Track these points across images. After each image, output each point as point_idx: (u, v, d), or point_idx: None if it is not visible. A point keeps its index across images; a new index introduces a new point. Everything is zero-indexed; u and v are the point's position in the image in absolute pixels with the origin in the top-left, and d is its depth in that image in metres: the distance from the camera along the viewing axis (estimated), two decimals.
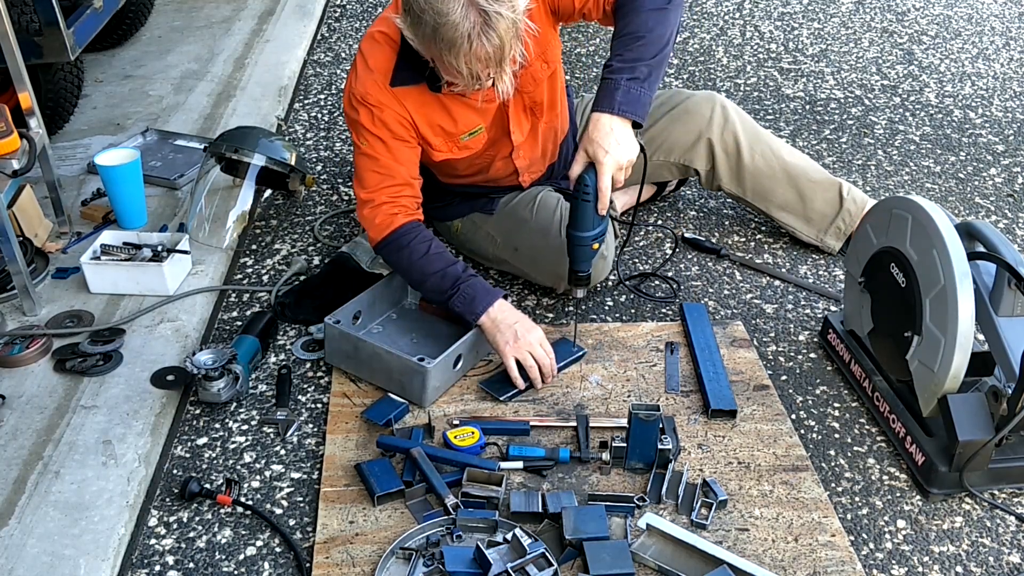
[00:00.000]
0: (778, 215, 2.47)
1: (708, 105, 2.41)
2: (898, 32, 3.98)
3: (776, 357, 2.17)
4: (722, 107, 2.41)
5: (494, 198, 2.31)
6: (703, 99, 2.43)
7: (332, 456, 1.86)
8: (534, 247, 2.24)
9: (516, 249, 2.27)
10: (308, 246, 2.53)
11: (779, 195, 2.44)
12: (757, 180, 2.43)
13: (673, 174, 2.51)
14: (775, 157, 2.42)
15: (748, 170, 2.42)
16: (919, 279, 1.82)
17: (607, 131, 1.91)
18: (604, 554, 1.61)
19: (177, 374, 2.00)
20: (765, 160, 2.41)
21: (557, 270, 2.20)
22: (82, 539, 1.65)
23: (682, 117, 2.41)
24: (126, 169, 2.41)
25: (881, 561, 1.69)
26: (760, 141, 2.43)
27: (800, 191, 2.43)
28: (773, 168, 2.42)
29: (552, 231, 2.20)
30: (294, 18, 3.89)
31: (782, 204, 2.45)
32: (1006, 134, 3.17)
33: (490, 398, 1.99)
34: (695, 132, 2.41)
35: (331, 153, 2.99)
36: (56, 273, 2.32)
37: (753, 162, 2.41)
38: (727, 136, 2.40)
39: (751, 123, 2.45)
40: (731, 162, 2.42)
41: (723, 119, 2.40)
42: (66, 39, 2.59)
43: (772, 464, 1.85)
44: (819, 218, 2.45)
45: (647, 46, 1.92)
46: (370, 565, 1.63)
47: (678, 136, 2.42)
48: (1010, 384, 1.72)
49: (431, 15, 1.73)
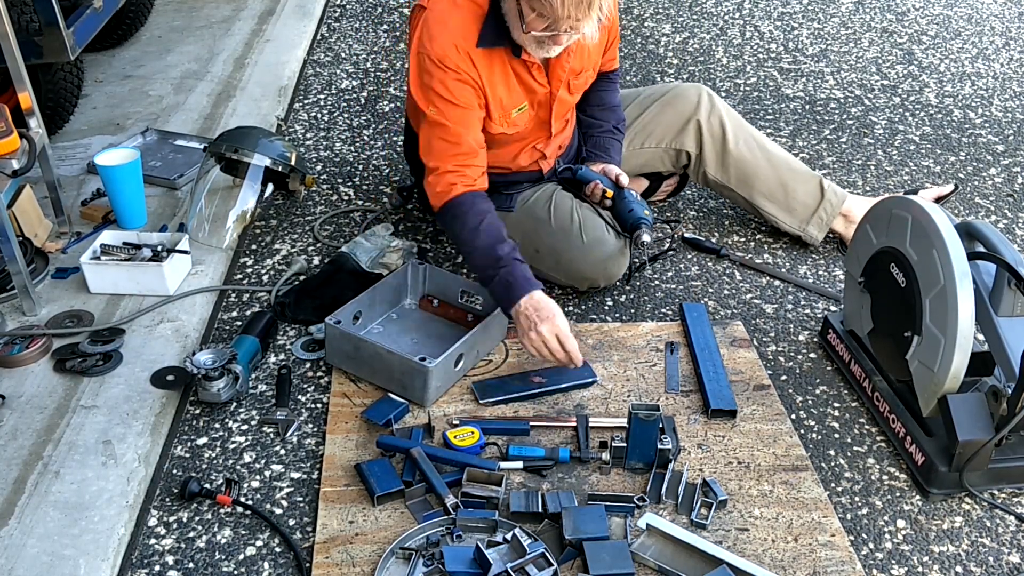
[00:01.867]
0: (761, 203, 2.51)
1: (695, 91, 2.52)
2: (898, 32, 3.98)
3: (776, 357, 2.17)
4: (708, 94, 2.52)
5: (512, 194, 2.33)
6: (690, 87, 2.55)
7: (332, 456, 1.86)
8: (555, 249, 2.27)
9: (537, 251, 2.29)
10: (308, 246, 2.53)
11: (762, 183, 2.50)
12: (741, 167, 2.49)
13: (665, 163, 2.57)
14: (758, 145, 2.51)
15: (733, 155, 2.48)
16: (919, 279, 1.82)
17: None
18: (604, 554, 1.61)
19: (177, 374, 2.00)
20: (748, 147, 2.50)
21: (580, 270, 2.26)
22: (82, 539, 1.65)
23: (671, 103, 2.52)
24: (126, 169, 2.41)
25: (881, 561, 1.69)
26: (743, 129, 2.52)
27: (782, 180, 2.49)
28: (756, 156, 2.50)
29: (573, 232, 2.24)
30: (294, 18, 3.89)
31: (765, 192, 2.50)
32: (1006, 134, 3.17)
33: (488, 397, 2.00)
34: (684, 116, 2.50)
35: (331, 153, 2.99)
36: (56, 273, 2.32)
37: (737, 147, 2.48)
38: (713, 120, 2.49)
39: (734, 113, 2.55)
40: (717, 146, 2.49)
41: (710, 104, 2.50)
42: (66, 39, 2.59)
43: (772, 464, 1.85)
44: (801, 208, 2.50)
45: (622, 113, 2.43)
46: (370, 565, 1.63)
47: (669, 121, 2.51)
48: (1010, 384, 1.72)
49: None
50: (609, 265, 2.27)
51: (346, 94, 3.37)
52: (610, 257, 2.26)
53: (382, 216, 2.64)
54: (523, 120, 2.21)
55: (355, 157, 2.95)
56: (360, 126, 3.15)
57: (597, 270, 2.27)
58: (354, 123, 3.17)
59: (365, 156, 2.96)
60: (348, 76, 3.51)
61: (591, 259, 2.25)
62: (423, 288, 2.25)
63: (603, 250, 2.25)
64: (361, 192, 2.77)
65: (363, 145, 3.03)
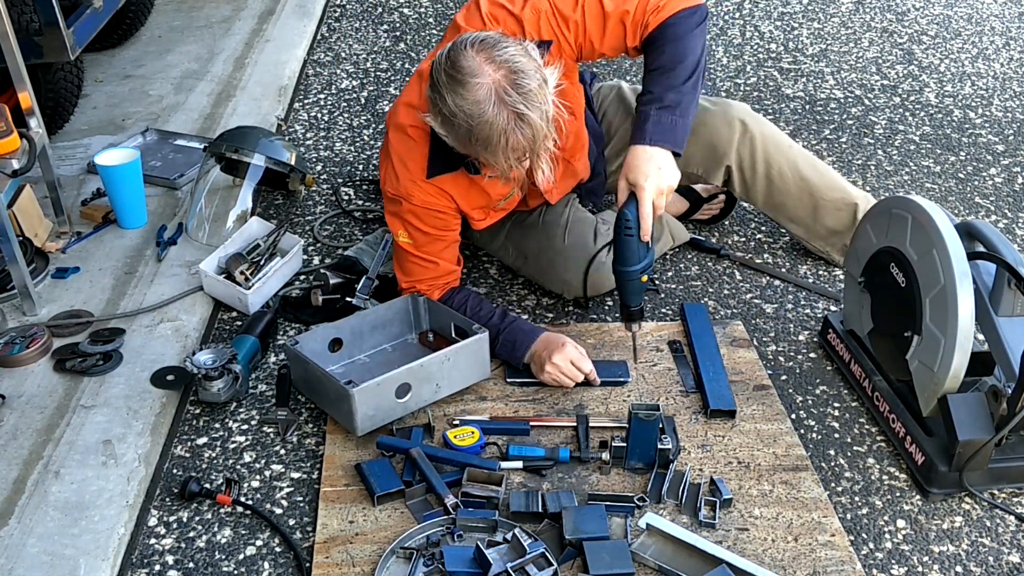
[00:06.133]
0: (787, 225, 2.45)
1: (730, 128, 2.32)
2: (898, 32, 3.97)
3: (776, 357, 2.17)
4: (741, 125, 2.32)
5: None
6: (720, 116, 2.33)
7: (332, 456, 1.86)
8: (540, 252, 2.24)
9: (527, 258, 2.28)
10: (308, 246, 2.52)
11: (791, 208, 2.40)
12: (771, 195, 2.39)
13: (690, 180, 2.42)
14: (792, 173, 2.35)
15: (762, 185, 2.37)
16: (919, 279, 1.82)
17: (647, 158, 1.88)
18: (604, 554, 1.61)
19: (177, 374, 2.00)
20: (782, 177, 2.36)
21: (563, 275, 2.22)
22: (82, 539, 1.65)
23: (703, 133, 2.30)
24: (126, 169, 2.41)
25: (881, 561, 1.69)
26: (781, 155, 2.35)
27: (815, 207, 2.38)
28: (788, 184, 2.36)
29: (557, 235, 2.20)
30: (294, 18, 3.88)
31: (793, 217, 2.42)
32: (1006, 134, 3.17)
33: (491, 394, 2.00)
34: (716, 154, 2.34)
35: (331, 153, 2.99)
36: (56, 273, 2.32)
37: (768, 178, 2.36)
38: (744, 154, 2.33)
39: (773, 137, 2.37)
40: (746, 178, 2.37)
41: (743, 138, 2.32)
42: (66, 39, 2.59)
43: (772, 464, 1.85)
44: (827, 234, 2.41)
45: (677, 74, 1.92)
46: (370, 565, 1.63)
47: (699, 153, 2.33)
48: (1010, 384, 1.72)
49: (463, 118, 1.72)
50: (593, 276, 2.19)
51: (346, 94, 3.36)
52: (592, 266, 2.18)
53: (382, 216, 2.63)
54: (512, 203, 2.14)
55: (355, 157, 2.95)
56: (360, 126, 3.15)
57: (577, 277, 2.19)
58: (354, 123, 3.17)
59: (365, 156, 2.96)
60: (348, 76, 3.51)
61: (571, 264, 2.18)
62: (426, 323, 2.14)
63: (584, 254, 2.18)
64: (361, 192, 2.77)
65: (363, 145, 3.04)
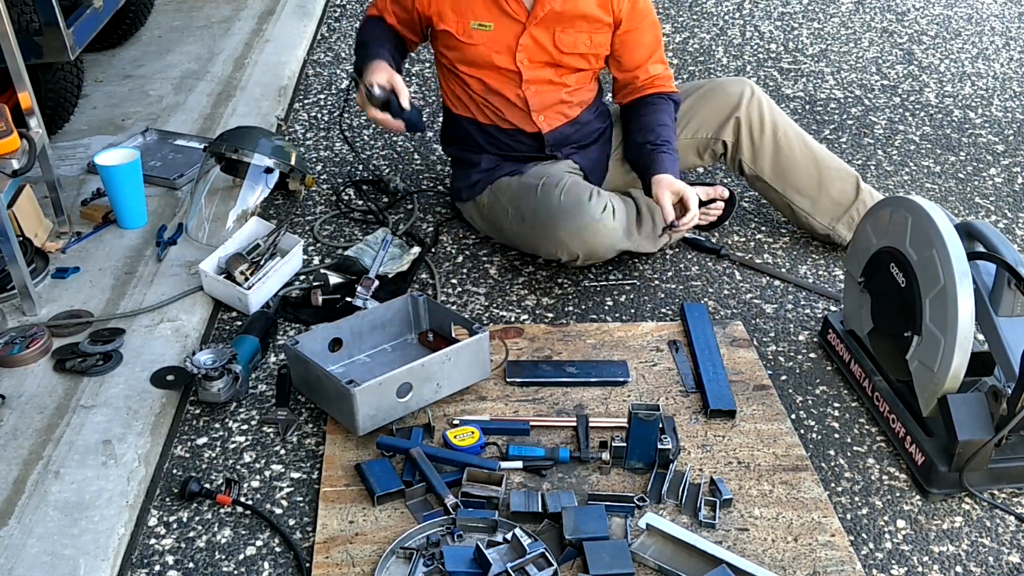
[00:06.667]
0: (794, 197, 2.49)
1: (738, 86, 2.49)
2: (898, 32, 3.98)
3: (776, 357, 2.17)
4: (751, 88, 2.49)
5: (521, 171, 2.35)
6: (734, 81, 2.53)
7: (332, 456, 1.86)
8: (537, 210, 2.23)
9: (523, 218, 2.29)
10: (308, 246, 2.52)
11: (797, 177, 2.47)
12: (777, 159, 2.47)
13: (699, 156, 2.53)
14: (796, 139, 2.48)
15: (769, 147, 2.46)
16: (919, 279, 1.82)
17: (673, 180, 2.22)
18: (604, 554, 1.61)
19: (177, 374, 2.00)
20: (787, 140, 2.47)
21: (558, 235, 2.20)
22: (82, 539, 1.65)
23: (712, 95, 2.50)
24: (126, 169, 2.41)
25: (881, 561, 1.69)
26: (784, 123, 2.49)
27: (820, 176, 2.47)
28: (793, 149, 2.46)
29: (554, 195, 2.21)
30: (294, 18, 3.88)
31: (799, 187, 2.48)
32: (1006, 134, 3.17)
33: (491, 394, 1.99)
34: (725, 111, 2.47)
35: (331, 153, 2.99)
36: (56, 273, 2.31)
37: (775, 140, 2.46)
38: (753, 112, 2.46)
39: (777, 108, 2.52)
40: (754, 138, 2.46)
41: (753, 98, 2.47)
42: (66, 39, 2.59)
43: (772, 464, 1.85)
44: (832, 206, 2.47)
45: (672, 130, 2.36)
46: (370, 565, 1.63)
47: (708, 112, 2.49)
48: (1010, 384, 1.72)
49: None
50: (586, 235, 2.17)
51: (346, 94, 3.36)
52: (586, 226, 2.17)
53: (382, 218, 2.63)
54: (483, 39, 2.26)
55: (355, 157, 2.95)
56: (360, 126, 3.15)
57: (573, 237, 2.18)
58: (354, 123, 3.17)
59: (365, 156, 2.96)
60: (348, 76, 3.51)
61: (567, 223, 2.17)
62: (425, 323, 2.13)
63: (579, 214, 2.16)
64: (361, 192, 2.77)
65: (363, 145, 3.03)
